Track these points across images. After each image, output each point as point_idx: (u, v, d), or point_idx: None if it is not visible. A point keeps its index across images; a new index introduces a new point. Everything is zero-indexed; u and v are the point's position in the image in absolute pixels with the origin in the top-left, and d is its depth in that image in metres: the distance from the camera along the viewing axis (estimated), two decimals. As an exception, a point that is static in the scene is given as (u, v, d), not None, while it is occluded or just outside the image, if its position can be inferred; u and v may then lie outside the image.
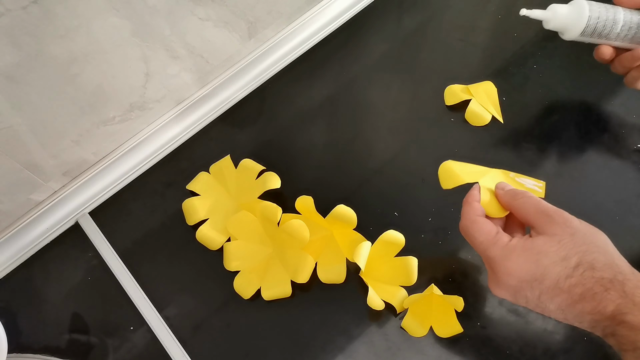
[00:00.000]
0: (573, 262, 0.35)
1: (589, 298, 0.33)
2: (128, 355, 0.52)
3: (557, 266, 0.35)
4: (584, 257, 0.35)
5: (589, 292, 0.34)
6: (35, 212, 0.59)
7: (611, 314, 0.33)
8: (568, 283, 0.34)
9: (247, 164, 0.60)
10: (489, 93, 0.63)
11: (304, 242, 0.53)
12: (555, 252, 0.35)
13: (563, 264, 0.35)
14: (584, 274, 0.34)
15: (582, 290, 0.34)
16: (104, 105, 0.56)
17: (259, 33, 0.65)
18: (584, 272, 0.34)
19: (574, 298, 0.34)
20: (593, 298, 0.33)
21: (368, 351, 0.51)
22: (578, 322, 0.35)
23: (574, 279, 0.34)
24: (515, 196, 0.41)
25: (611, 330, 0.33)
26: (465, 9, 0.70)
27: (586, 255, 0.35)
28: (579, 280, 0.34)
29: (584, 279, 0.34)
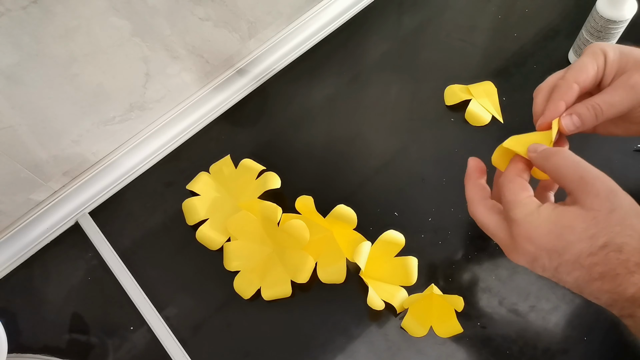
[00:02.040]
0: (600, 241, 0.32)
1: (609, 278, 0.32)
2: (128, 355, 0.52)
3: (581, 243, 0.32)
4: (614, 238, 0.32)
5: (611, 272, 0.32)
6: (35, 212, 0.59)
7: (631, 297, 0.31)
8: (589, 261, 0.32)
9: (247, 163, 0.60)
10: (489, 93, 0.63)
11: (304, 242, 0.53)
12: (584, 230, 0.32)
13: (589, 242, 0.32)
14: (609, 254, 0.32)
15: (604, 270, 0.32)
16: (104, 105, 0.56)
17: (259, 33, 0.65)
18: (608, 253, 0.32)
19: (593, 276, 0.32)
20: (614, 279, 0.32)
21: (368, 351, 0.51)
22: (594, 298, 0.33)
23: (596, 258, 0.32)
24: (548, 157, 0.36)
25: (630, 311, 0.32)
26: (465, 9, 0.70)
27: (617, 237, 0.32)
28: (601, 260, 0.32)
29: (608, 259, 0.32)
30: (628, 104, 0.37)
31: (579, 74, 0.38)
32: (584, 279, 0.33)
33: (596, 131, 0.43)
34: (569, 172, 0.34)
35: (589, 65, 0.38)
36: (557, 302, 0.51)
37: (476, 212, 0.38)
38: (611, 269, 0.32)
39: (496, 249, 0.54)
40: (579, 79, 0.38)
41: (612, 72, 0.38)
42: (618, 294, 0.32)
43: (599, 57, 0.38)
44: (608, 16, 0.55)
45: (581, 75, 0.38)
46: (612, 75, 0.38)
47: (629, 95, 0.37)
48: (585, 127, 0.38)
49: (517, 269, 0.53)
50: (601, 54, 0.38)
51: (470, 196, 0.39)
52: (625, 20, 0.56)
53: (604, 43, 0.39)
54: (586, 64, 0.38)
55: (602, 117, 0.38)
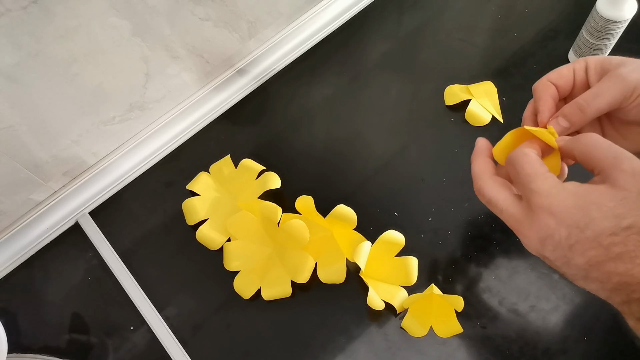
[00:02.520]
0: (626, 222, 0.31)
1: (626, 259, 0.31)
2: (128, 355, 0.52)
3: (606, 221, 0.31)
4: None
5: (629, 254, 0.31)
6: (35, 212, 0.59)
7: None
8: (609, 240, 0.31)
9: (247, 164, 0.60)
10: (489, 93, 0.63)
11: (304, 242, 0.53)
12: (611, 208, 0.31)
13: (614, 221, 0.31)
14: (631, 236, 0.31)
15: (622, 250, 0.31)
16: (104, 105, 0.56)
17: (259, 33, 0.65)
18: (630, 234, 0.31)
19: (610, 255, 0.31)
20: (631, 260, 0.31)
21: (368, 351, 0.51)
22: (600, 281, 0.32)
23: (617, 238, 0.31)
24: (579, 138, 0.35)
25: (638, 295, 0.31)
26: (465, 9, 0.70)
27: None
28: (621, 240, 0.31)
29: (629, 240, 0.31)
30: (616, 92, 0.36)
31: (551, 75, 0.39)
32: (598, 259, 0.32)
33: None
34: (602, 151, 0.33)
35: (563, 68, 0.39)
36: (557, 302, 0.51)
37: (485, 187, 0.37)
38: (630, 250, 0.31)
39: (496, 248, 0.54)
40: (551, 77, 0.39)
41: (595, 74, 0.38)
42: (631, 276, 0.31)
43: (578, 63, 0.39)
44: (608, 16, 0.55)
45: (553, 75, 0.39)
46: (597, 77, 0.38)
47: (616, 83, 0.36)
48: (576, 125, 0.38)
49: (517, 269, 0.53)
50: (581, 61, 0.39)
51: (477, 171, 0.38)
52: (625, 20, 0.56)
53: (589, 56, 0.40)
54: (561, 68, 0.39)
55: (590, 110, 0.37)
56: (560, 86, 0.39)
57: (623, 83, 0.36)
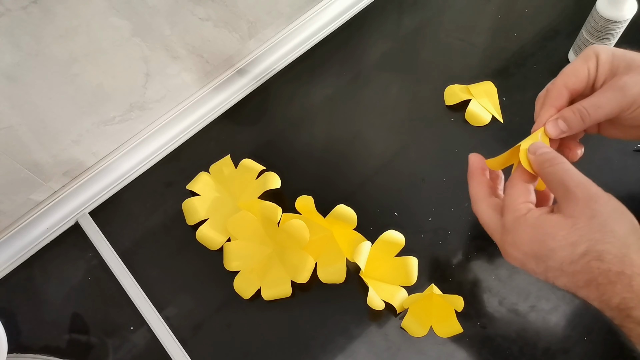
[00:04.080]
0: (581, 249, 0.32)
1: (593, 287, 0.32)
2: (128, 355, 0.52)
3: (563, 251, 0.33)
4: (595, 246, 0.32)
5: (594, 282, 0.32)
6: (35, 212, 0.59)
7: (616, 306, 0.31)
8: (572, 268, 0.32)
9: (247, 164, 0.60)
10: (489, 93, 0.63)
11: (304, 242, 0.53)
12: (564, 237, 0.33)
13: (569, 249, 0.32)
14: (590, 263, 0.32)
15: (587, 278, 0.32)
16: (104, 105, 0.56)
17: (259, 33, 0.65)
18: (589, 261, 0.32)
19: (579, 284, 0.32)
20: (597, 288, 0.32)
21: (368, 351, 0.51)
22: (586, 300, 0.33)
23: (578, 266, 0.32)
24: (542, 163, 0.36)
25: (619, 321, 0.32)
26: (465, 9, 0.70)
27: (597, 244, 0.32)
28: (583, 268, 0.32)
29: (589, 268, 0.32)
30: (615, 106, 0.37)
31: (568, 78, 0.39)
32: (571, 285, 0.33)
33: (600, 133, 0.43)
34: (554, 179, 0.35)
35: (580, 68, 0.39)
36: (557, 302, 0.51)
37: (478, 210, 0.38)
38: (593, 277, 0.31)
39: (496, 248, 0.54)
40: (568, 83, 0.39)
41: (603, 74, 0.39)
42: (604, 302, 0.32)
43: (591, 60, 0.39)
44: (608, 16, 0.55)
45: (571, 79, 0.39)
46: (604, 78, 0.38)
47: (617, 97, 0.37)
48: (573, 131, 0.39)
49: (517, 268, 0.53)
50: (593, 57, 0.38)
51: (473, 194, 0.39)
52: (625, 20, 0.56)
53: (599, 46, 0.39)
54: (577, 67, 0.39)
55: (590, 119, 0.38)
56: (576, 89, 0.39)
57: (623, 97, 0.37)
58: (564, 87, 0.39)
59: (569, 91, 0.39)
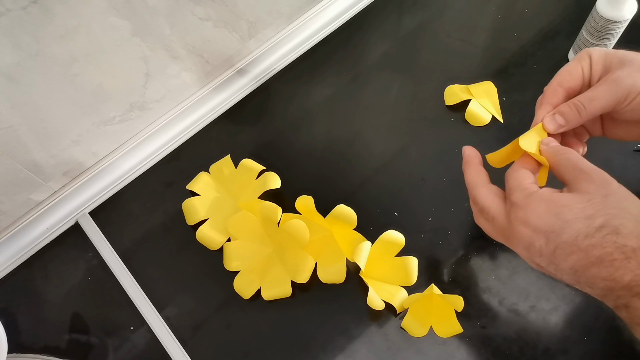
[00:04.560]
0: (597, 222, 0.32)
1: (606, 263, 0.31)
2: (128, 355, 0.52)
3: (579, 222, 0.32)
4: (611, 220, 0.32)
5: (608, 257, 0.31)
6: (35, 212, 0.59)
7: (627, 284, 0.31)
8: (587, 242, 0.32)
9: (247, 164, 0.60)
10: (489, 93, 0.63)
11: (304, 242, 0.53)
12: (581, 209, 0.33)
13: (586, 222, 0.32)
14: (606, 237, 0.31)
15: (601, 253, 0.31)
16: (104, 105, 0.56)
17: (259, 33, 0.65)
18: (606, 235, 0.31)
19: (591, 259, 0.32)
20: (611, 264, 0.31)
21: (368, 351, 0.51)
22: (589, 286, 0.33)
23: (594, 240, 0.32)
24: (557, 152, 0.37)
25: (625, 301, 0.31)
26: (465, 9, 0.70)
27: (614, 219, 0.32)
28: (598, 242, 0.31)
29: (605, 242, 0.31)
30: (610, 97, 0.38)
31: (563, 77, 0.40)
32: (581, 263, 0.32)
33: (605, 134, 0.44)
34: (568, 165, 0.36)
35: (574, 68, 0.40)
36: (557, 302, 0.51)
37: (479, 195, 0.38)
38: (608, 252, 0.31)
39: (496, 248, 0.54)
40: (563, 81, 0.40)
41: (598, 72, 0.39)
42: (614, 280, 0.31)
43: (584, 60, 0.39)
44: (608, 16, 0.55)
45: (565, 77, 0.40)
46: (599, 75, 0.39)
47: (611, 89, 0.37)
48: (571, 125, 0.39)
49: (517, 269, 0.53)
50: (586, 57, 0.39)
51: (471, 180, 0.39)
52: (625, 20, 0.56)
53: (592, 47, 0.40)
54: (571, 67, 0.40)
55: (586, 112, 0.38)
56: (571, 87, 0.40)
57: (617, 89, 0.37)
58: (558, 85, 0.40)
59: (564, 90, 0.40)
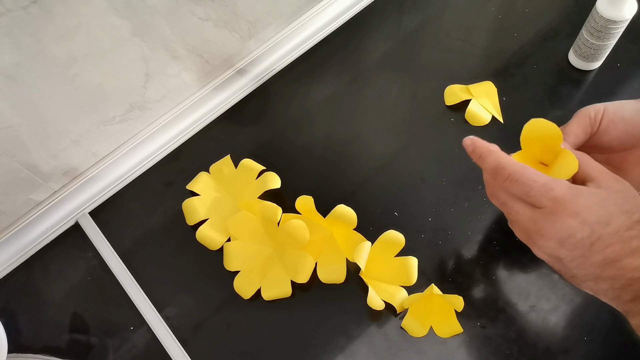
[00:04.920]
0: (636, 216, 0.35)
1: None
2: (128, 355, 0.52)
3: (622, 215, 0.35)
4: None
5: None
6: (35, 212, 0.59)
7: None
8: (628, 234, 0.35)
9: (247, 163, 0.60)
10: (489, 93, 0.63)
11: (304, 242, 0.53)
12: (620, 204, 0.35)
13: (626, 216, 0.35)
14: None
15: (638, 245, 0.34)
16: (104, 105, 0.56)
17: (259, 33, 0.65)
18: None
19: (629, 249, 0.34)
20: None
21: (368, 351, 0.51)
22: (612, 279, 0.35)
23: (633, 232, 0.35)
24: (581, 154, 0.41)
25: None
26: (465, 9, 0.70)
27: None
28: (637, 234, 0.34)
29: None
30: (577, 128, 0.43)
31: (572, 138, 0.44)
32: (617, 254, 0.35)
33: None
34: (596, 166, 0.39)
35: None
36: (557, 302, 0.51)
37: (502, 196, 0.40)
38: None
39: (496, 248, 0.54)
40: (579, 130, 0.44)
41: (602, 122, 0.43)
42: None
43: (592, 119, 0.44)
44: (608, 16, 0.55)
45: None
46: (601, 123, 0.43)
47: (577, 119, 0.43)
48: None
49: (517, 269, 0.53)
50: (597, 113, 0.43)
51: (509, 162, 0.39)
52: (625, 20, 0.56)
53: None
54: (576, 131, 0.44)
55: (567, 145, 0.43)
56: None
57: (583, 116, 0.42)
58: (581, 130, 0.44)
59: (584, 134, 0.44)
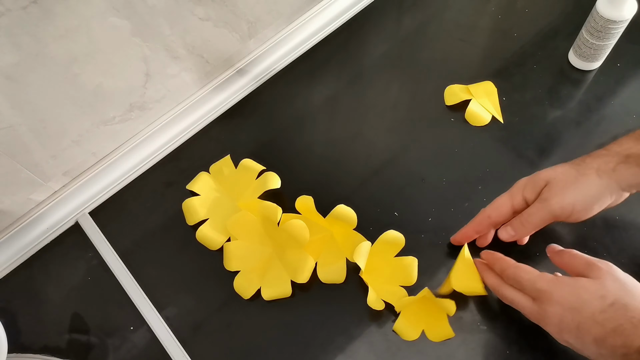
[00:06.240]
0: (609, 300, 0.40)
1: (619, 332, 0.39)
2: (128, 355, 0.52)
3: (595, 301, 0.40)
4: (620, 299, 0.40)
5: (620, 328, 0.39)
6: (35, 212, 0.59)
7: (638, 349, 0.38)
8: (602, 317, 0.40)
9: (247, 164, 0.60)
10: (489, 93, 0.63)
11: (304, 242, 0.53)
12: (595, 291, 0.41)
13: (600, 301, 0.40)
14: (617, 311, 0.39)
15: (614, 325, 0.39)
16: (104, 105, 0.56)
17: (259, 33, 0.65)
18: (617, 310, 0.40)
19: (607, 331, 0.39)
20: (623, 333, 0.39)
21: (368, 351, 0.51)
22: (609, 355, 0.40)
23: (607, 314, 0.40)
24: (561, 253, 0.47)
25: None
26: (465, 9, 0.70)
27: (622, 298, 0.40)
28: (611, 316, 0.39)
29: (617, 315, 0.39)
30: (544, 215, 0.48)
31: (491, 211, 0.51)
32: (600, 335, 0.40)
33: None
34: (581, 260, 0.44)
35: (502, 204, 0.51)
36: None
37: (506, 293, 0.46)
38: (620, 324, 0.39)
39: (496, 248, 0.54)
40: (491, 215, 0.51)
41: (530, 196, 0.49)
42: (628, 347, 0.38)
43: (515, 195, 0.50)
44: (608, 16, 0.55)
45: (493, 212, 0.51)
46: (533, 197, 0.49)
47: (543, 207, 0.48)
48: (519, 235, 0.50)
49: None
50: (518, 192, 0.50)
51: (493, 283, 0.48)
52: (625, 20, 0.56)
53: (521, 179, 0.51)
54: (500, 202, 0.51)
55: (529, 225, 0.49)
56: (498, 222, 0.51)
57: (548, 209, 0.47)
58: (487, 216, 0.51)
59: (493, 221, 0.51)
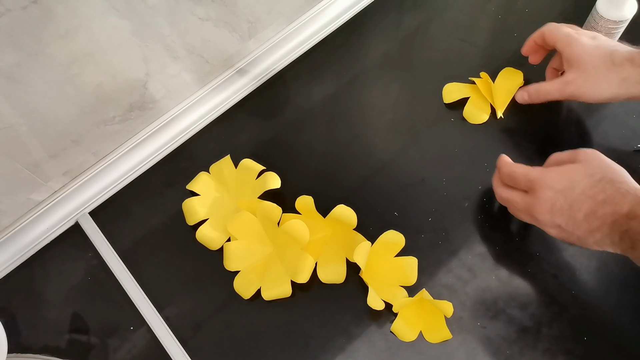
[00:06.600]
0: (597, 177, 0.44)
1: (609, 202, 0.42)
2: (128, 355, 0.52)
3: (584, 179, 0.44)
4: (606, 174, 0.44)
5: (609, 198, 0.42)
6: (35, 212, 0.59)
7: (626, 213, 0.41)
8: (592, 191, 0.43)
9: (247, 164, 0.60)
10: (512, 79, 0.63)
11: (304, 242, 0.53)
12: (583, 171, 0.45)
13: (589, 178, 0.44)
14: (605, 185, 0.43)
15: (604, 197, 0.42)
16: (104, 105, 0.56)
17: (259, 33, 0.65)
18: (605, 183, 0.43)
19: (597, 203, 0.43)
20: (612, 202, 0.42)
21: (368, 351, 0.51)
22: (600, 229, 0.43)
23: (597, 188, 0.43)
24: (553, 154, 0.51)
25: (625, 227, 0.41)
26: (465, 9, 0.70)
27: (608, 174, 0.44)
28: (601, 189, 0.43)
29: (606, 187, 0.43)
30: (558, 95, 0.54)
31: None
32: (591, 208, 0.43)
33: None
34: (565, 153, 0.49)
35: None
36: (557, 302, 0.51)
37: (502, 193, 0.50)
38: (609, 195, 0.42)
39: (496, 249, 0.54)
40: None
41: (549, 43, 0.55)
42: (617, 213, 0.42)
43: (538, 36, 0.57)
44: (608, 16, 0.55)
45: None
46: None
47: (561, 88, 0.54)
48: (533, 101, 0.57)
49: (517, 269, 0.53)
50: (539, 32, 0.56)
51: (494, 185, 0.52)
52: (625, 20, 0.56)
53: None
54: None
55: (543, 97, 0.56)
56: None
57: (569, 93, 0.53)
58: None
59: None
